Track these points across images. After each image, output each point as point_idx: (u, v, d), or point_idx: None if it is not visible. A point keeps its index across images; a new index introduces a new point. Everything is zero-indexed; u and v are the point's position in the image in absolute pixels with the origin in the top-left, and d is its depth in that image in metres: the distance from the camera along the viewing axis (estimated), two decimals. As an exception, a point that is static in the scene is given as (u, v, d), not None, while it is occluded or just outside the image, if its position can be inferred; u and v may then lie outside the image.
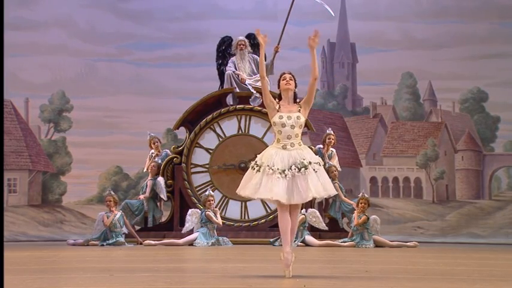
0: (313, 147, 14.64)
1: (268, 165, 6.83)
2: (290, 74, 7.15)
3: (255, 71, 14.79)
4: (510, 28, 19.75)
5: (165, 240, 13.25)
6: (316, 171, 6.85)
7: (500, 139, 20.01)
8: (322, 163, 7.01)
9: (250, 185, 6.89)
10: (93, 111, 19.65)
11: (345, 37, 20.80)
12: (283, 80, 7.10)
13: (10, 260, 8.63)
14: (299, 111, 7.02)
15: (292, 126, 6.96)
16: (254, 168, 6.93)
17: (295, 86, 7.13)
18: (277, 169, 6.79)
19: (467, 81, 19.92)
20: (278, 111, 7.01)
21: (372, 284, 6.45)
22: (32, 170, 19.25)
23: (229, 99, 14.63)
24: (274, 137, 7.10)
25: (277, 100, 7.12)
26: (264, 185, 6.80)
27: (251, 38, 15.01)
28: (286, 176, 6.77)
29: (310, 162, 6.85)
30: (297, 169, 6.79)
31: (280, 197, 6.75)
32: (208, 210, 13.29)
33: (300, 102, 7.10)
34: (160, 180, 14.25)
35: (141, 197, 14.38)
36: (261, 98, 14.37)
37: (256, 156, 7.05)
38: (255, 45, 15.02)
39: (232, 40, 15.04)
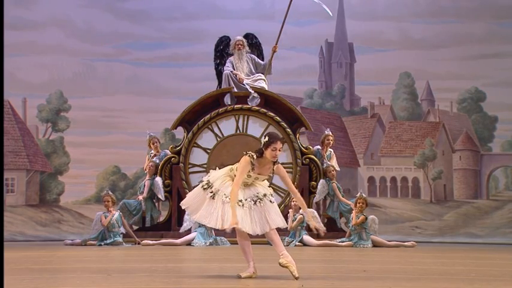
0: (311, 147, 14.65)
1: (225, 194, 6.81)
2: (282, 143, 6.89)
3: (253, 70, 14.79)
4: (507, 28, 19.77)
5: (163, 240, 13.22)
6: (272, 203, 6.88)
7: (497, 139, 20.03)
8: (273, 196, 6.96)
9: (208, 213, 6.82)
10: (90, 111, 19.65)
11: (342, 37, 20.80)
12: (273, 150, 6.78)
13: (8, 259, 8.61)
14: (269, 175, 6.93)
15: (254, 182, 6.93)
16: (206, 189, 6.92)
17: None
18: None
19: (465, 81, 19.94)
20: (252, 169, 6.85)
21: (370, 284, 6.45)
22: (30, 169, 19.24)
23: (227, 99, 14.62)
24: None
25: (256, 155, 6.84)
26: (228, 215, 6.73)
27: (249, 37, 15.02)
28: (243, 205, 6.79)
29: (265, 195, 6.87)
30: (252, 202, 6.82)
31: (247, 228, 6.75)
32: (206, 210, 13.25)
33: (276, 167, 6.88)
34: (158, 180, 14.24)
35: (139, 197, 14.37)
36: (259, 98, 14.38)
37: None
38: (253, 45, 15.03)
39: (230, 40, 15.02)
